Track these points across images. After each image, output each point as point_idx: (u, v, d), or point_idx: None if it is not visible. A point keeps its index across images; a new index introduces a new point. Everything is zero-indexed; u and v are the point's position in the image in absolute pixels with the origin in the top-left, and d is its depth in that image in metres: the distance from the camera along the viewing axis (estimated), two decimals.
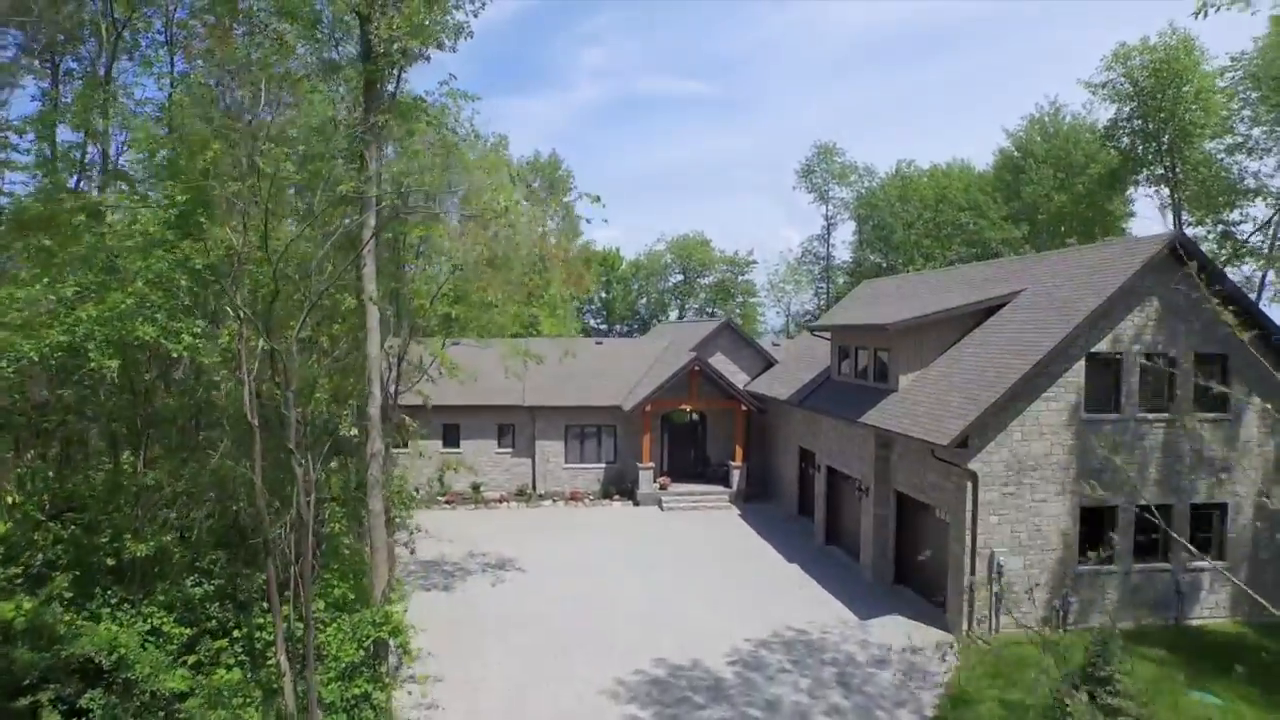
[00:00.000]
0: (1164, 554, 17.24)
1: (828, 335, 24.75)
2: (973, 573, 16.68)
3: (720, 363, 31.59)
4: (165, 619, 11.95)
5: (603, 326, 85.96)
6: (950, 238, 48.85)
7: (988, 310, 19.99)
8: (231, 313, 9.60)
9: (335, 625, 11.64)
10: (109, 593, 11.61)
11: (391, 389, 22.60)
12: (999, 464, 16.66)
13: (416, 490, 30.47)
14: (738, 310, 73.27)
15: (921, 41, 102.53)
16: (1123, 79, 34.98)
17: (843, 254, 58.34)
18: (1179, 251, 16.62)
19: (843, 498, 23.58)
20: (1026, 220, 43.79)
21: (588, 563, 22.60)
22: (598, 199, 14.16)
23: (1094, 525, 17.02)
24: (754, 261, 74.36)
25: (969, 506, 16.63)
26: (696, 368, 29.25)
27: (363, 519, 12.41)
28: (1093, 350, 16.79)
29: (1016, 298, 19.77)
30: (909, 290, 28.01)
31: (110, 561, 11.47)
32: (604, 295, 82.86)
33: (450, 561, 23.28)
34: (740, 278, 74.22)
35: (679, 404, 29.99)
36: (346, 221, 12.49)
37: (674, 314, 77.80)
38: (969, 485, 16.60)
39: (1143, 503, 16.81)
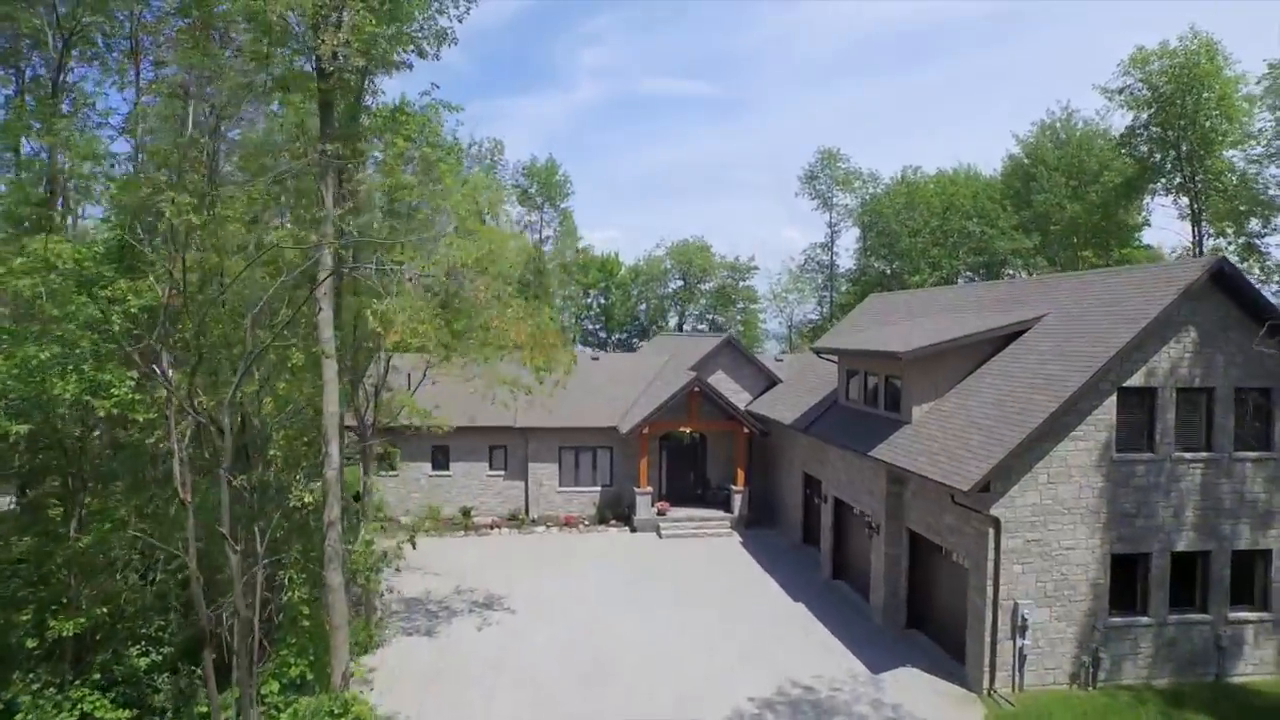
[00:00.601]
0: (1203, 605, 15.91)
1: (835, 358, 23.43)
2: (995, 626, 15.37)
3: (721, 381, 30.29)
4: (100, 702, 10.65)
5: (602, 333, 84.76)
6: (958, 246, 47.43)
7: (1006, 336, 18.68)
8: (158, 373, 8.31)
9: (290, 713, 10.33)
10: (32, 676, 10.30)
11: (369, 418, 21.40)
12: (1024, 509, 15.34)
13: (402, 515, 29.34)
14: (739, 316, 72.02)
15: (923, 42, 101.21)
16: (1140, 84, 33.62)
17: (846, 261, 57.08)
18: (1221, 278, 15.30)
19: (850, 530, 22.27)
20: (1038, 230, 42.38)
21: (581, 601, 21.29)
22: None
23: (1126, 574, 15.72)
24: (755, 267, 73.09)
25: (991, 555, 15.32)
26: (696, 388, 27.94)
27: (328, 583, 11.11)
28: (1125, 385, 15.47)
29: (1038, 324, 18.45)
30: (919, 307, 26.70)
31: (31, 643, 10.15)
32: (603, 301, 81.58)
33: (435, 599, 21.98)
34: (741, 283, 72.92)
35: (678, 425, 28.69)
36: (293, 273, 11.13)
37: (673, 319, 76.54)
38: (991, 532, 15.29)
39: (1180, 549, 15.53)
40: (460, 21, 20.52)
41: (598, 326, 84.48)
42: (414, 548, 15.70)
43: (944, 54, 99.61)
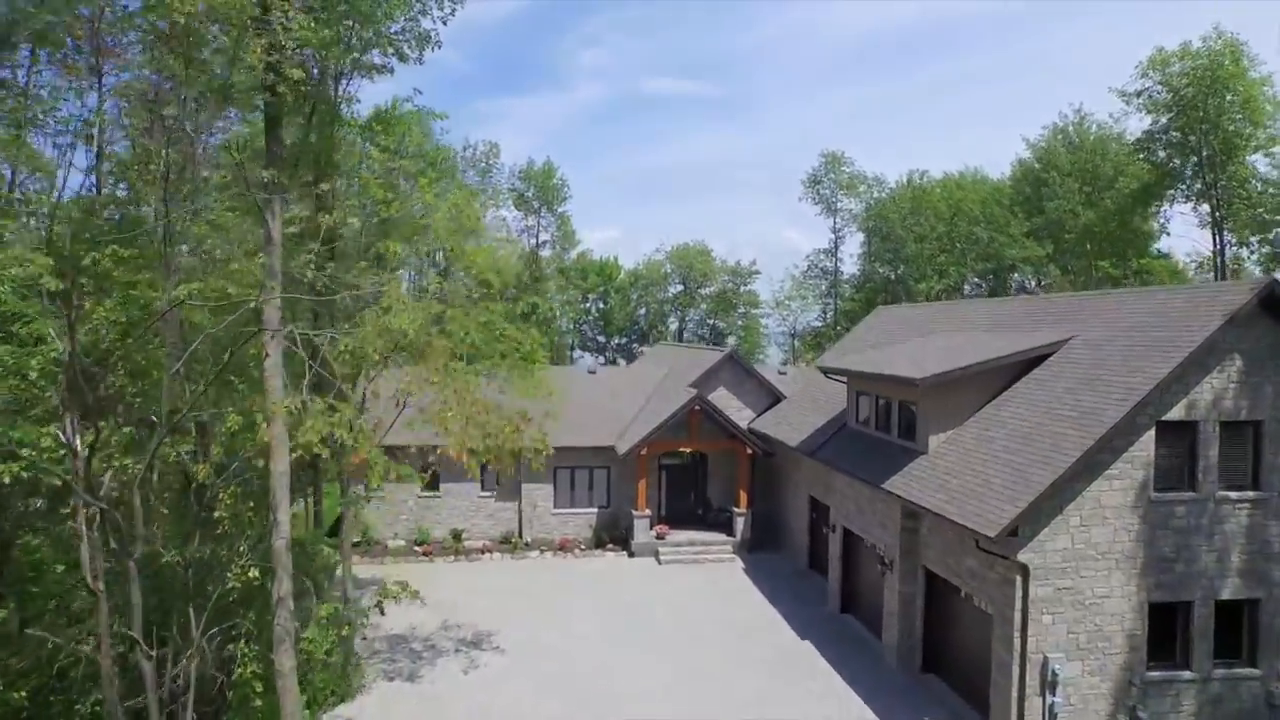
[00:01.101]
0: (1252, 658, 14.63)
1: (843, 379, 22.14)
2: (1022, 680, 14.09)
3: (722, 398, 29.01)
4: None
5: (600, 337, 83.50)
6: (965, 253, 46.08)
7: (1029, 361, 17.39)
8: (63, 438, 7.06)
9: None
10: None
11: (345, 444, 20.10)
12: (1054, 554, 14.05)
13: (390, 538, 28.05)
14: (740, 321, 70.73)
15: (924, 43, 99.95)
16: (1160, 87, 32.28)
17: (850, 267, 55.71)
18: (1272, 302, 14.02)
19: (861, 561, 21.00)
20: (1050, 237, 40.98)
21: (574, 639, 20.03)
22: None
23: (1166, 624, 14.44)
24: (757, 272, 71.86)
25: (1018, 604, 14.04)
26: (697, 407, 26.66)
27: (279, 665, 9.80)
28: (1164, 419, 14.19)
29: (1064, 348, 17.16)
30: (929, 322, 25.43)
31: None
32: (602, 305, 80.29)
33: (421, 635, 20.71)
34: (743, 288, 71.67)
35: (677, 445, 27.43)
36: (226, 320, 9.79)
37: (673, 324, 75.25)
38: (1018, 579, 14.01)
39: (1225, 597, 14.26)
40: (444, 24, 19.39)
41: (596, 331, 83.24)
42: (383, 614, 14.48)
43: (946, 54, 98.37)
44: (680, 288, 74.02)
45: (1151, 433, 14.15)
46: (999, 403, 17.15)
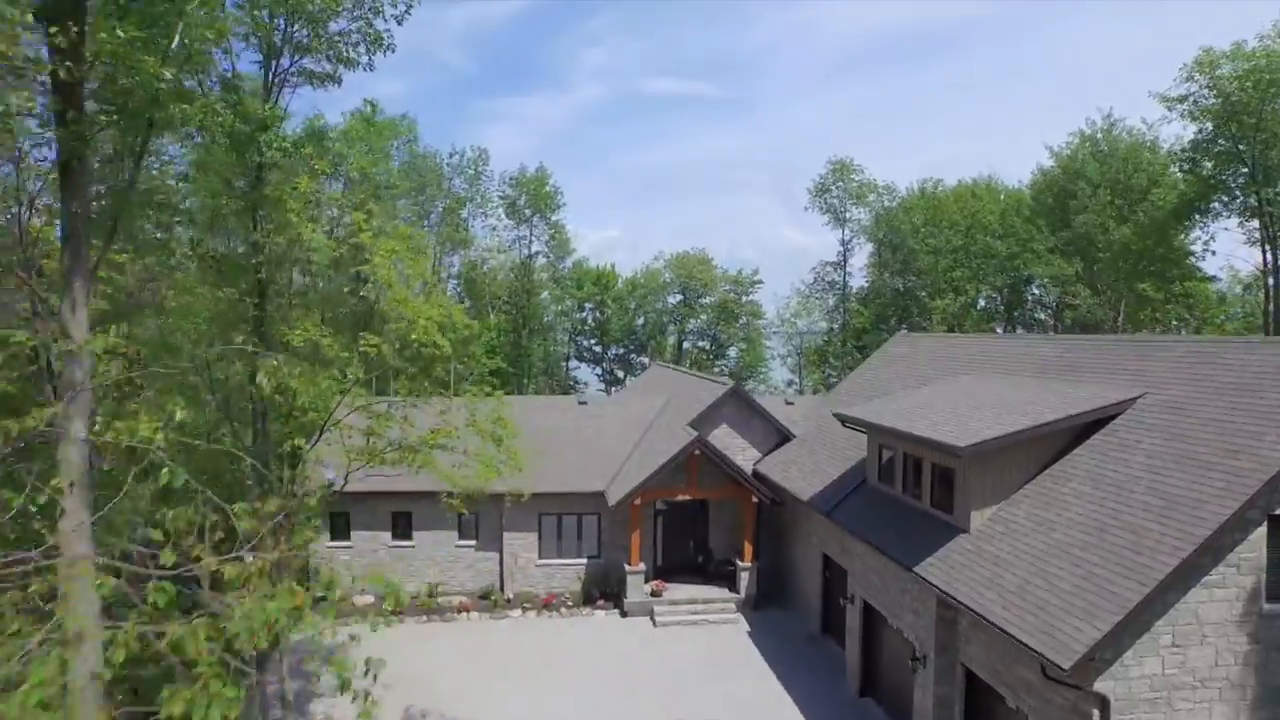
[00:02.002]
0: None
1: (862, 429, 19.37)
2: None
3: (725, 437, 26.25)
4: None
5: (597, 347, 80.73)
6: (983, 268, 43.20)
7: (1091, 422, 14.65)
8: None
9: None
10: None
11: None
12: (1140, 682, 11.30)
13: (357, 593, 25.29)
14: (742, 333, 67.90)
15: (925, 43, 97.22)
16: (1207, 91, 29.44)
17: (858, 279, 52.79)
18: None
19: (885, 639, 18.26)
20: (1078, 254, 37.99)
21: None
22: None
23: None
24: (759, 281, 69.04)
25: None
26: (697, 451, 23.90)
27: None
28: (1276, 513, 11.44)
29: (1133, 408, 14.41)
30: (957, 355, 22.70)
31: None
32: (598, 316, 77.52)
33: None
34: (745, 298, 68.86)
35: (675, 493, 24.71)
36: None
37: (672, 335, 72.48)
38: (1095, 714, 11.25)
39: None
40: (400, 23, 16.72)
41: (593, 341, 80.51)
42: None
43: (947, 55, 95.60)
44: (680, 297, 71.25)
45: (1263, 530, 11.40)
46: (1055, 474, 14.41)
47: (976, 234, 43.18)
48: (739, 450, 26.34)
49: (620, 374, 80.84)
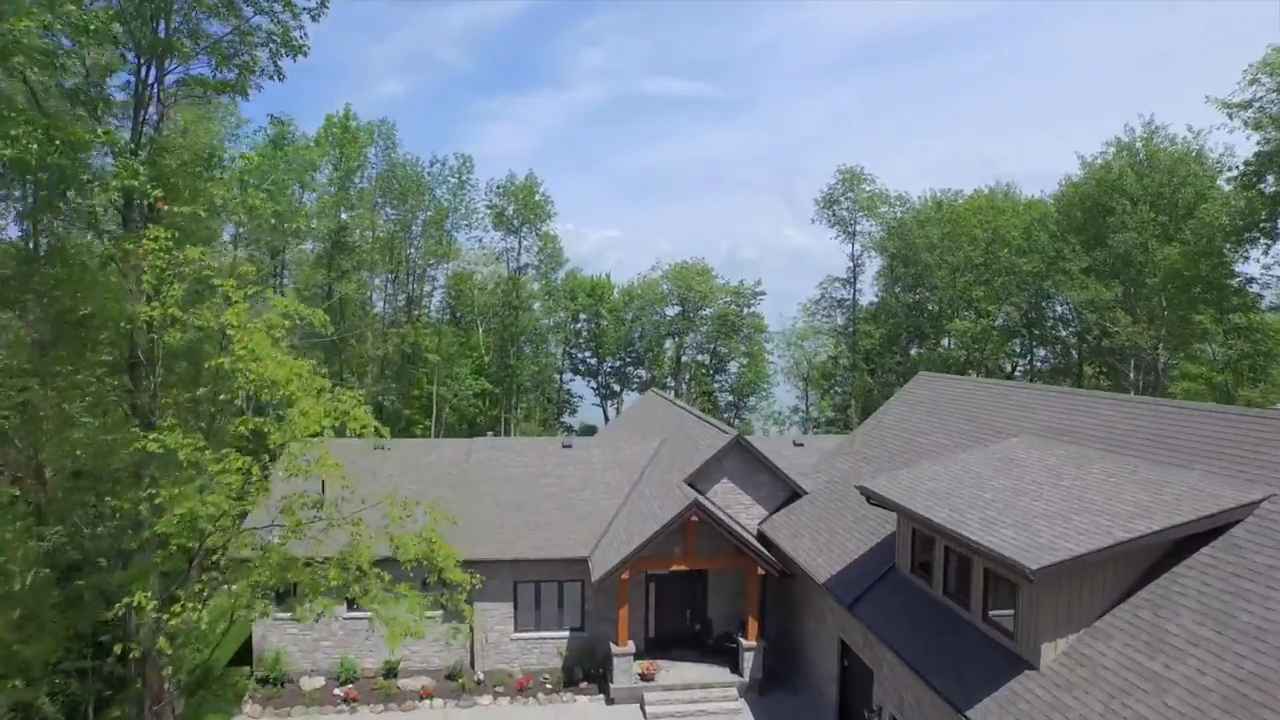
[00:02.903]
0: None
1: (891, 509, 16.16)
2: None
3: (727, 494, 23.07)
4: None
5: (592, 359, 77.51)
6: (1005, 286, 39.85)
7: (1199, 533, 11.47)
8: None
9: None
10: None
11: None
12: None
13: (307, 673, 22.04)
14: (743, 346, 64.67)
15: (926, 43, 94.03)
16: (1276, 96, 26.04)
17: (868, 295, 49.44)
18: None
19: None
20: (1115, 276, 34.50)
21: None
22: None
23: None
24: (761, 293, 65.87)
25: None
26: (694, 517, 20.72)
27: None
28: None
29: (1256, 514, 11.23)
30: (991, 406, 19.55)
31: None
32: (593, 327, 74.28)
33: None
34: (746, 310, 65.66)
35: (669, 563, 21.55)
36: None
37: (670, 348, 69.22)
38: None
39: None
40: (316, 19, 13.54)
41: (587, 354, 77.29)
42: None
43: (948, 55, 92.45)
44: (678, 309, 68.01)
45: None
46: (1154, 599, 11.21)
47: (998, 249, 39.84)
48: (742, 508, 23.16)
49: (616, 387, 77.77)
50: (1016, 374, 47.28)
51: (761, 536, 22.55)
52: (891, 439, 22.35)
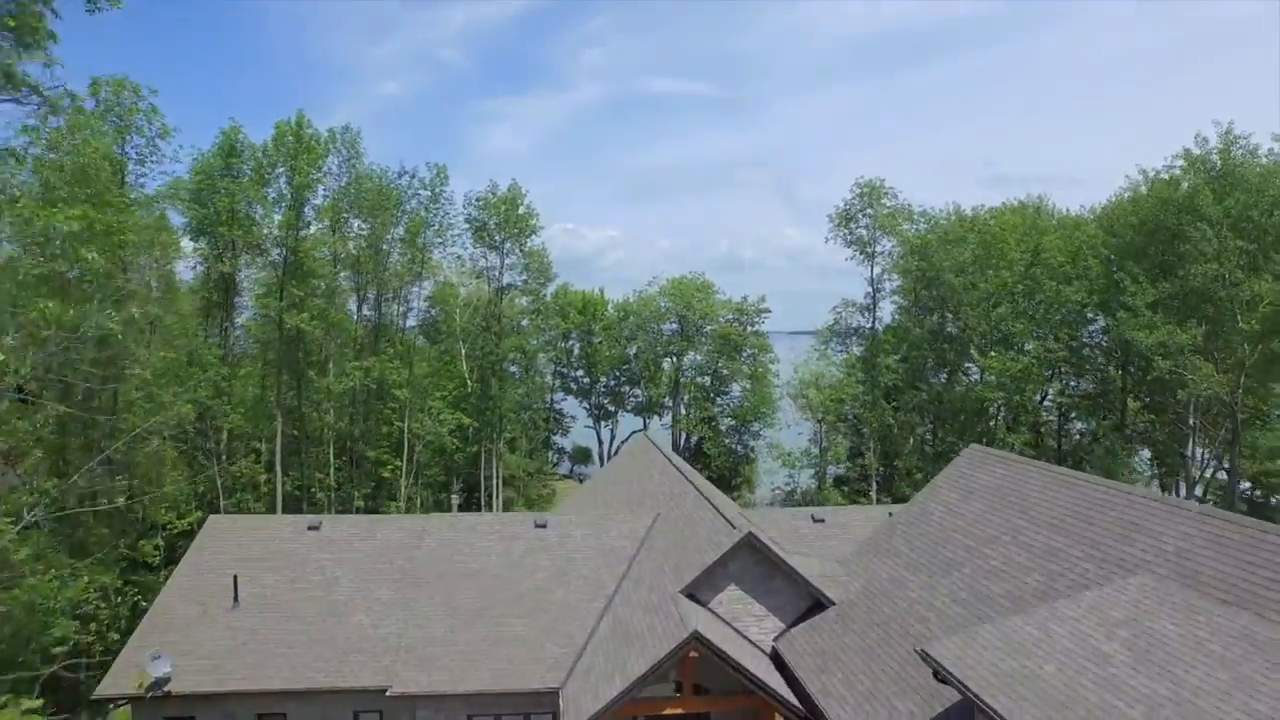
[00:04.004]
0: None
1: (973, 702, 11.51)
2: None
3: (734, 602, 18.50)
4: None
5: (585, 379, 72.77)
6: (1048, 317, 35.04)
7: None
8: None
9: None
10: None
11: None
12: None
13: None
14: (746, 367, 60.04)
15: (927, 43, 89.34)
16: None
17: (884, 314, 44.67)
18: None
19: None
20: (1192, 315, 29.39)
21: None
22: None
23: None
24: (766, 310, 61.24)
25: None
26: (694, 653, 16.11)
27: None
28: None
29: None
30: (1079, 510, 14.99)
31: None
32: (586, 346, 69.59)
33: None
34: (750, 329, 60.98)
35: (662, 708, 16.93)
36: None
37: (668, 365, 64.51)
38: None
39: None
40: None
41: (580, 372, 72.58)
42: None
43: (948, 55, 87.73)
44: (676, 326, 63.34)
45: None
46: None
47: (1040, 276, 34.91)
48: (753, 620, 18.58)
49: (611, 408, 73.04)
50: (1045, 404, 42.54)
51: (776, 657, 17.99)
52: (943, 539, 17.74)
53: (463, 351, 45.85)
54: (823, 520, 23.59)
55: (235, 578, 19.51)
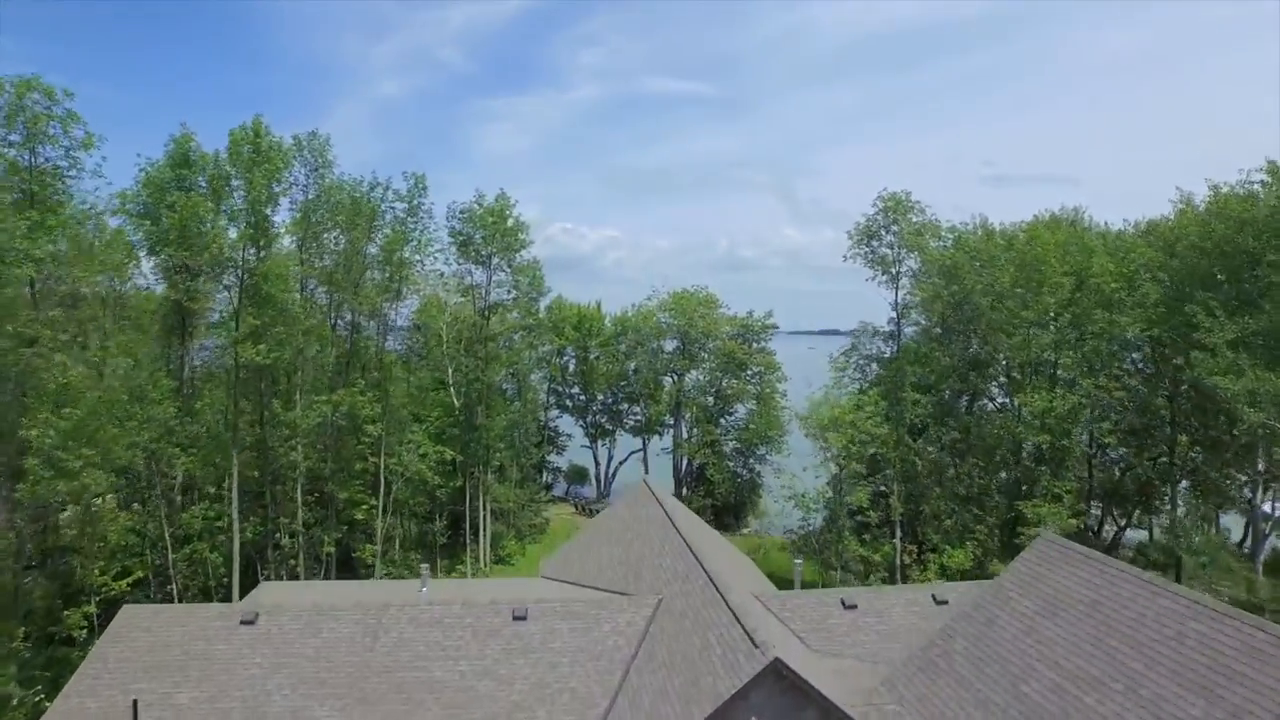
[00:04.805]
0: None
1: None
2: None
3: None
4: None
5: (581, 396, 69.05)
6: (1096, 350, 31.20)
7: None
8: None
9: None
10: None
11: None
12: None
13: None
14: (752, 386, 56.36)
15: (927, 43, 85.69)
16: None
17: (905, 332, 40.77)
18: None
19: None
20: (1275, 351, 25.91)
21: None
22: None
23: None
24: (774, 326, 57.61)
25: None
26: None
27: None
28: None
29: None
30: (1205, 647, 11.35)
31: None
32: (584, 359, 65.82)
33: None
34: (756, 345, 57.29)
35: None
36: None
37: (668, 386, 60.74)
38: None
39: None
40: None
41: (575, 389, 68.81)
42: None
43: (948, 55, 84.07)
44: (677, 343, 59.61)
45: None
46: None
47: (1088, 303, 31.03)
48: None
49: (609, 426, 69.22)
50: (1086, 442, 38.16)
51: None
52: (1024, 670, 14.04)
53: (450, 371, 42.22)
54: (854, 606, 19.91)
55: (135, 703, 15.81)
